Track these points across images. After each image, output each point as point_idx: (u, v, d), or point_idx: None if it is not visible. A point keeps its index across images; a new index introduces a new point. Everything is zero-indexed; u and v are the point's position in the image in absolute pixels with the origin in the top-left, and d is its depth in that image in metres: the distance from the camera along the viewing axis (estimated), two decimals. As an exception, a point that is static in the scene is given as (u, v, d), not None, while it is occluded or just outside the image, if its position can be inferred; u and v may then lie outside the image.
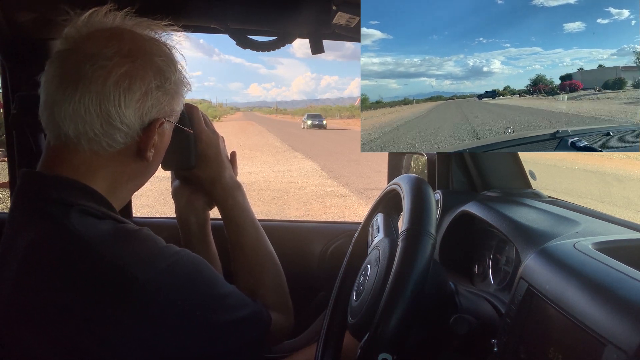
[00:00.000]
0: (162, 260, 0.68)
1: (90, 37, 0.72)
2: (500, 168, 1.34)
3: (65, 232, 0.66)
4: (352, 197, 7.94)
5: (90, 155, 0.72)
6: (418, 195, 0.79)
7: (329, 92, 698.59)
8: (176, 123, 0.83)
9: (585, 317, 0.57)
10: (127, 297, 0.63)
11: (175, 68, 0.77)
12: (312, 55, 1.28)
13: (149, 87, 0.72)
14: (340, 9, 1.02)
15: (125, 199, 0.81)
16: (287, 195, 8.12)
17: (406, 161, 1.66)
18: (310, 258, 1.60)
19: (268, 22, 1.25)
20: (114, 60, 0.70)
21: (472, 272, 1.19)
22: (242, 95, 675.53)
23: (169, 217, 1.76)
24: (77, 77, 0.69)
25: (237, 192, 0.98)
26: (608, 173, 8.49)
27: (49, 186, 0.70)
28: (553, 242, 0.80)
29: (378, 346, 0.67)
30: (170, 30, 0.81)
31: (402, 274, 0.69)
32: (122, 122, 0.71)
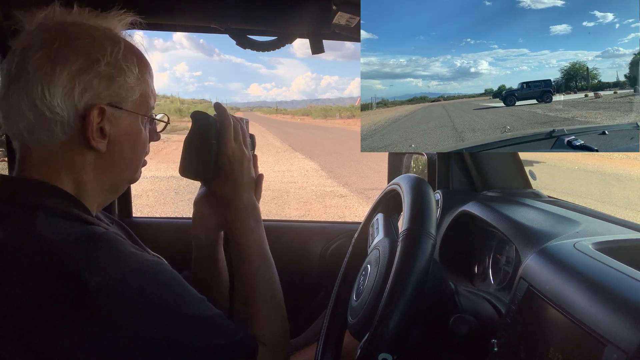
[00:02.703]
0: (121, 266, 0.65)
1: (28, 34, 0.72)
2: (500, 168, 1.34)
3: (28, 235, 0.65)
4: (352, 197, 7.93)
5: (43, 152, 0.71)
6: (418, 195, 0.79)
7: (329, 92, 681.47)
8: (156, 118, 0.83)
9: (585, 317, 0.57)
10: (78, 303, 0.61)
11: (107, 50, 0.73)
12: (312, 55, 1.28)
13: (72, 71, 0.69)
14: (340, 9, 1.02)
15: (102, 198, 0.79)
16: (287, 195, 8.12)
17: (406, 161, 1.66)
18: (310, 258, 1.60)
19: (268, 22, 1.25)
20: (37, 50, 0.69)
21: (472, 272, 1.19)
22: (242, 95, 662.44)
23: (169, 217, 1.75)
24: (8, 73, 0.70)
25: (251, 217, 0.90)
26: (608, 173, 8.49)
27: (17, 189, 0.71)
28: (553, 242, 0.80)
29: (378, 346, 0.67)
30: (128, 20, 0.80)
31: (402, 274, 0.69)
32: (53, 112, 0.69)
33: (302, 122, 51.85)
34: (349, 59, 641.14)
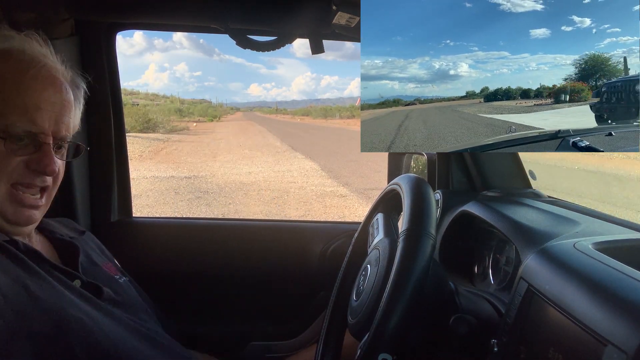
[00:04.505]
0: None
1: None
2: (500, 168, 1.34)
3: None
4: (352, 197, 7.93)
5: None
6: (418, 195, 0.79)
7: (329, 92, 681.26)
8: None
9: (585, 317, 0.57)
10: None
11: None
12: (312, 55, 1.28)
13: None
14: (340, 9, 1.02)
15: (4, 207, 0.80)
16: (287, 195, 8.12)
17: (406, 161, 1.66)
18: (310, 258, 1.60)
19: (268, 22, 1.25)
20: None
21: (472, 272, 1.19)
22: (242, 95, 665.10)
23: (169, 217, 1.76)
24: None
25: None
26: (608, 173, 8.49)
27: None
28: (553, 242, 0.79)
29: (378, 346, 0.67)
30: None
31: (402, 274, 0.69)
32: None
33: (302, 122, 51.82)
34: (349, 59, 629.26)
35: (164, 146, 16.26)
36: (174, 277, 1.57)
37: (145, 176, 9.27)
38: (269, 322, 1.57)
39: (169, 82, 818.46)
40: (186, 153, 14.73)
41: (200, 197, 7.75)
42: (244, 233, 1.67)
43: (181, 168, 11.00)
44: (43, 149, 0.82)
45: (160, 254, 1.61)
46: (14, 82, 0.80)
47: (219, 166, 11.39)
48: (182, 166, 11.36)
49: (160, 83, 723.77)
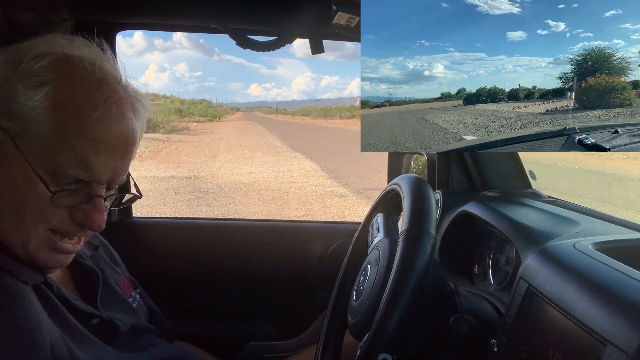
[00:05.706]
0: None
1: None
2: (500, 168, 1.34)
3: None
4: (352, 197, 7.93)
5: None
6: (418, 195, 0.79)
7: (329, 92, 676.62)
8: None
9: (585, 317, 0.57)
10: None
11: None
12: (312, 55, 1.27)
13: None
14: (340, 9, 1.02)
15: (10, 228, 0.67)
16: (287, 195, 8.11)
17: (406, 161, 1.66)
18: (310, 258, 1.60)
19: (268, 22, 1.25)
20: None
21: (472, 272, 1.19)
22: (242, 95, 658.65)
23: (169, 217, 1.76)
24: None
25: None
26: (608, 173, 8.49)
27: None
28: (553, 242, 0.79)
29: (378, 346, 0.67)
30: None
31: (402, 274, 0.69)
32: None
33: (302, 122, 51.82)
34: (349, 59, 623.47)
35: (164, 146, 16.25)
36: (174, 277, 1.57)
37: (145, 176, 9.25)
38: (269, 322, 1.57)
39: (169, 82, 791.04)
40: (186, 153, 14.72)
41: (200, 197, 7.75)
42: (244, 233, 1.67)
43: (181, 168, 11.00)
44: (94, 201, 0.70)
45: (160, 254, 1.61)
46: (76, 113, 0.65)
47: (219, 166, 11.39)
48: (182, 166, 11.36)
49: (160, 83, 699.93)
